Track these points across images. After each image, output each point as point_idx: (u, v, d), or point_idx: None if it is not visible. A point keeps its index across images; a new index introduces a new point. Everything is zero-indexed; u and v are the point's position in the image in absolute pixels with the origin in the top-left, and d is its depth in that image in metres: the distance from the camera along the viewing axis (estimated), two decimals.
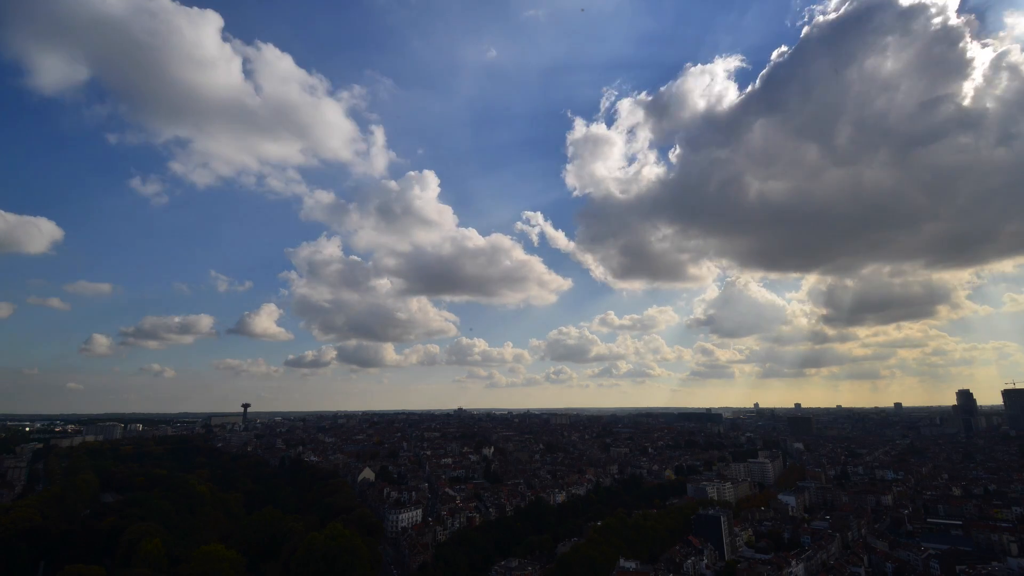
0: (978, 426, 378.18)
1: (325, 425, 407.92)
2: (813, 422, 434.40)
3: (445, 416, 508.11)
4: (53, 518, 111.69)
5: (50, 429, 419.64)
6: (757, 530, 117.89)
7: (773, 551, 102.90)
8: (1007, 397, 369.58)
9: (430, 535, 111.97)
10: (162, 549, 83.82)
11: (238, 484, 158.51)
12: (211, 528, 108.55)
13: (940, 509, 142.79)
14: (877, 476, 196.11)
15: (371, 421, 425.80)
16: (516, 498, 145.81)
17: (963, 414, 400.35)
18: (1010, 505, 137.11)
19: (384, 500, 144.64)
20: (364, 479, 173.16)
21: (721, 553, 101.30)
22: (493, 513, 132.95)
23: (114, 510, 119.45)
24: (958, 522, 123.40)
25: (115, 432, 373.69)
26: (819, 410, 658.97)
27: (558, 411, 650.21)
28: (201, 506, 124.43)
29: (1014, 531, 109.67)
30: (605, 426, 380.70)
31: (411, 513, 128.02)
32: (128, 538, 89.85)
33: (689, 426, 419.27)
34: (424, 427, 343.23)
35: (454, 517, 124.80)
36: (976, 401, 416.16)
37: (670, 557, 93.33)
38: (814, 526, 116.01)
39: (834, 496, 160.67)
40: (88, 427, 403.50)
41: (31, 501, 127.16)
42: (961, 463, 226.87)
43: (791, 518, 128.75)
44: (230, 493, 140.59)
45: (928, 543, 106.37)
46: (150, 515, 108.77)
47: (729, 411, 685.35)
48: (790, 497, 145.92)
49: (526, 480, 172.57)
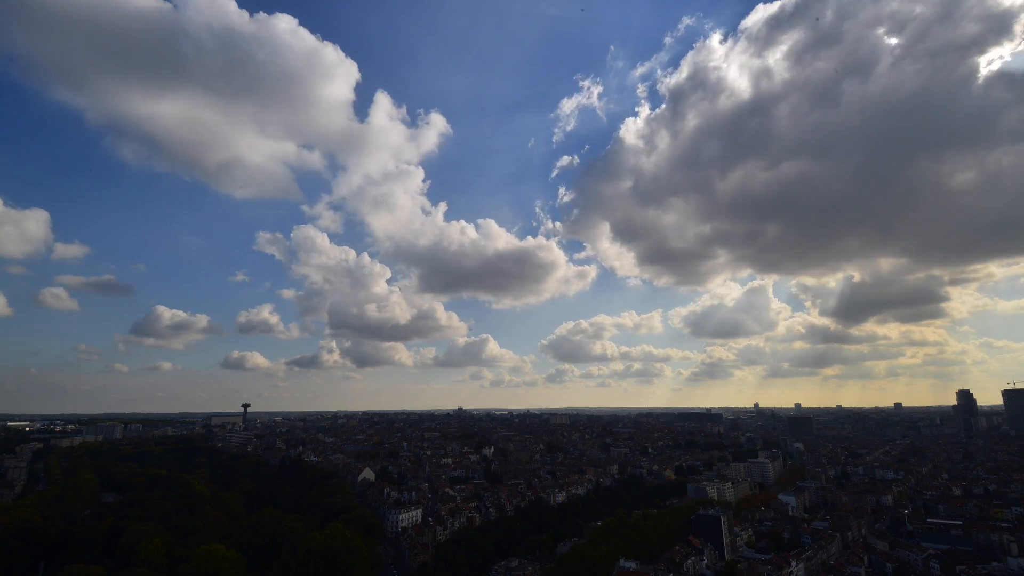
0: (978, 426, 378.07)
1: (325, 425, 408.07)
2: (813, 422, 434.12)
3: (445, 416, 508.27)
4: (53, 518, 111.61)
5: (50, 429, 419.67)
6: (757, 530, 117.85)
7: (773, 551, 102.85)
8: (1007, 397, 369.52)
9: (430, 535, 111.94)
10: (162, 549, 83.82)
11: (238, 484, 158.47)
12: (211, 528, 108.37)
13: (940, 509, 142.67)
14: (877, 476, 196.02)
15: (371, 421, 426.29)
16: (516, 498, 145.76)
17: (963, 414, 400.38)
18: (1010, 505, 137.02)
19: (384, 500, 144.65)
20: (364, 479, 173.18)
21: (721, 553, 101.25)
22: (493, 513, 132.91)
23: (114, 510, 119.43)
24: (958, 522, 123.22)
25: (115, 432, 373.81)
26: (819, 410, 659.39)
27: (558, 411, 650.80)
28: (201, 506, 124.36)
29: (1014, 531, 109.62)
30: (605, 426, 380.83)
31: (411, 513, 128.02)
32: (128, 538, 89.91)
33: (689, 426, 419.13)
34: (424, 427, 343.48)
35: (454, 517, 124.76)
36: (976, 401, 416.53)
37: (670, 557, 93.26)
38: (814, 526, 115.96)
39: (834, 496, 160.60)
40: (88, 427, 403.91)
41: (31, 501, 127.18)
42: (961, 463, 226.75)
43: (791, 518, 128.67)
44: (230, 493, 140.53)
45: (928, 543, 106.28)
46: (150, 515, 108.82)
47: (729, 411, 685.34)
48: (790, 497, 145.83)
49: (526, 480, 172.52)
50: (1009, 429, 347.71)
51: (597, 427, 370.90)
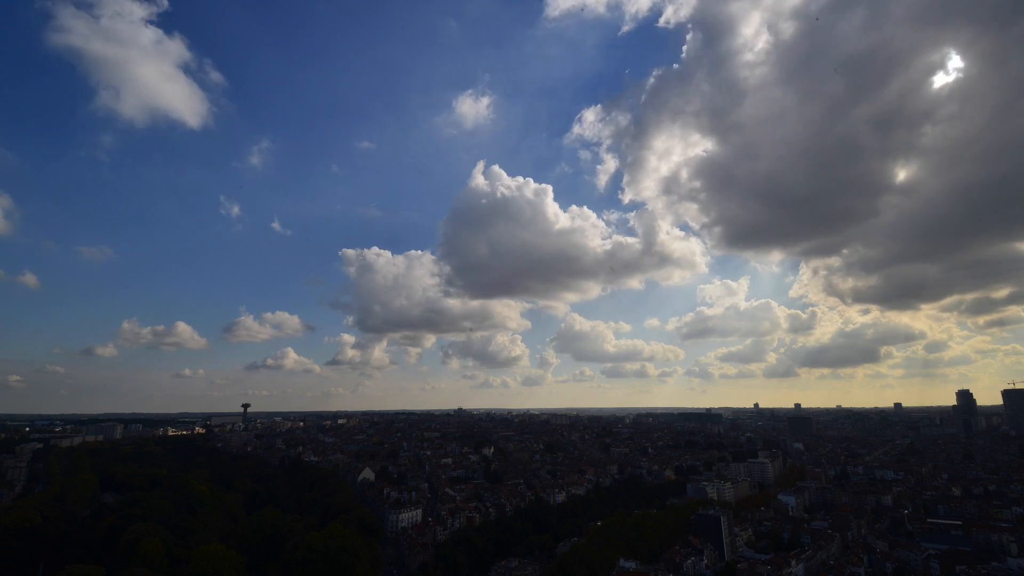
0: (978, 426, 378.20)
1: (325, 425, 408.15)
2: (813, 422, 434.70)
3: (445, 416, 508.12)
4: (53, 518, 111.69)
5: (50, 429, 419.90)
6: (757, 530, 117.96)
7: (773, 551, 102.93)
8: (1007, 397, 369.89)
9: (430, 535, 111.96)
10: (162, 549, 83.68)
11: (238, 484, 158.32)
12: (211, 528, 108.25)
13: (940, 509, 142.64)
14: (877, 476, 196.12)
15: (371, 421, 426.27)
16: (516, 498, 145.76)
17: (963, 414, 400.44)
18: (1010, 505, 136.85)
19: (384, 500, 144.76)
20: (364, 479, 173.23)
21: (721, 553, 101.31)
22: (493, 513, 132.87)
23: (114, 510, 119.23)
24: (958, 522, 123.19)
25: (115, 432, 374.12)
26: (819, 410, 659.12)
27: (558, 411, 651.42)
28: (201, 506, 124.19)
29: (1014, 531, 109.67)
30: (605, 426, 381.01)
31: (411, 513, 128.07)
32: (128, 538, 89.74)
33: (689, 426, 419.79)
34: (424, 427, 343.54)
35: (454, 517, 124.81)
36: (976, 401, 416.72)
37: (670, 557, 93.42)
38: (814, 526, 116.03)
39: (834, 496, 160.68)
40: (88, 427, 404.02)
41: (31, 501, 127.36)
42: (961, 463, 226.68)
43: (791, 518, 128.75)
44: (230, 493, 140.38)
45: (928, 543, 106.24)
46: (150, 515, 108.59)
47: (729, 411, 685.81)
48: (790, 497, 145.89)
49: (526, 480, 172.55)
50: (1009, 429, 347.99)
51: (597, 427, 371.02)
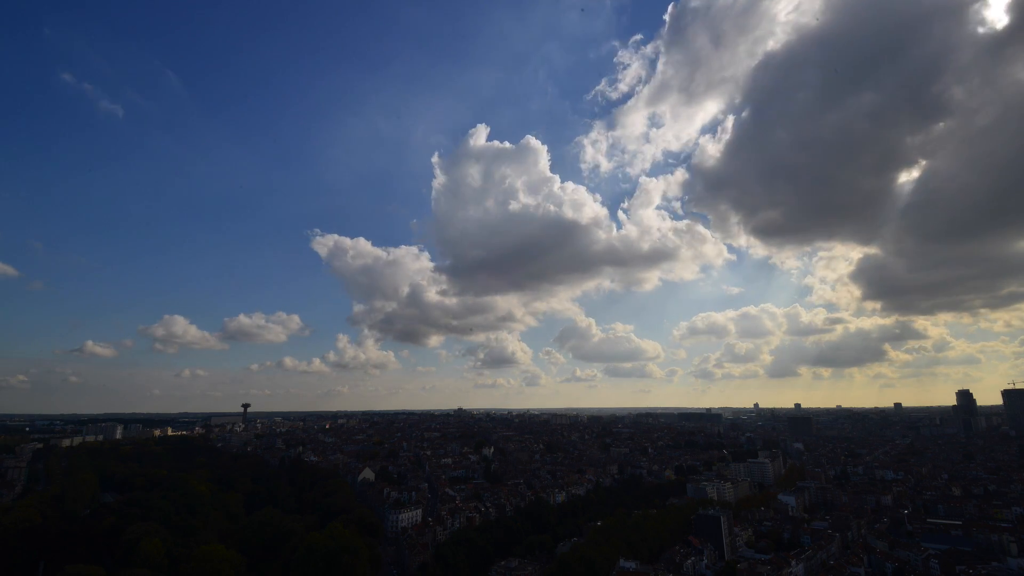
0: (978, 426, 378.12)
1: (325, 425, 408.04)
2: (813, 422, 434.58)
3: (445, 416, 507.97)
4: (53, 518, 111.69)
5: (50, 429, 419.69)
6: (757, 530, 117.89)
7: (773, 551, 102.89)
8: (1007, 397, 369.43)
9: (430, 535, 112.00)
10: (162, 549, 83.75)
11: (238, 484, 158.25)
12: (211, 528, 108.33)
13: (940, 509, 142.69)
14: (877, 476, 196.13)
15: (371, 421, 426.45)
16: (516, 498, 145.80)
17: (963, 414, 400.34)
18: (1010, 505, 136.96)
19: (384, 500, 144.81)
20: (364, 479, 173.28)
21: (721, 553, 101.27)
22: (493, 513, 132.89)
23: (114, 510, 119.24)
24: (958, 522, 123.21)
25: (115, 432, 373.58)
26: (819, 410, 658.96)
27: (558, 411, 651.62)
28: (201, 506, 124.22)
29: (1014, 531, 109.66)
30: (605, 426, 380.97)
31: (411, 513, 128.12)
32: (128, 538, 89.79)
33: (689, 426, 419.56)
34: (424, 427, 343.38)
35: (454, 517, 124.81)
36: (976, 401, 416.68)
37: (670, 557, 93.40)
38: (814, 526, 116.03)
39: (834, 496, 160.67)
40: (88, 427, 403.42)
41: (31, 501, 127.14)
42: (961, 463, 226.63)
43: (791, 518, 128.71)
44: (230, 493, 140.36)
45: (928, 543, 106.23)
46: (150, 515, 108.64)
47: (729, 411, 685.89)
48: (790, 497, 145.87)
49: (526, 480, 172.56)
50: (1009, 429, 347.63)
51: (597, 427, 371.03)
